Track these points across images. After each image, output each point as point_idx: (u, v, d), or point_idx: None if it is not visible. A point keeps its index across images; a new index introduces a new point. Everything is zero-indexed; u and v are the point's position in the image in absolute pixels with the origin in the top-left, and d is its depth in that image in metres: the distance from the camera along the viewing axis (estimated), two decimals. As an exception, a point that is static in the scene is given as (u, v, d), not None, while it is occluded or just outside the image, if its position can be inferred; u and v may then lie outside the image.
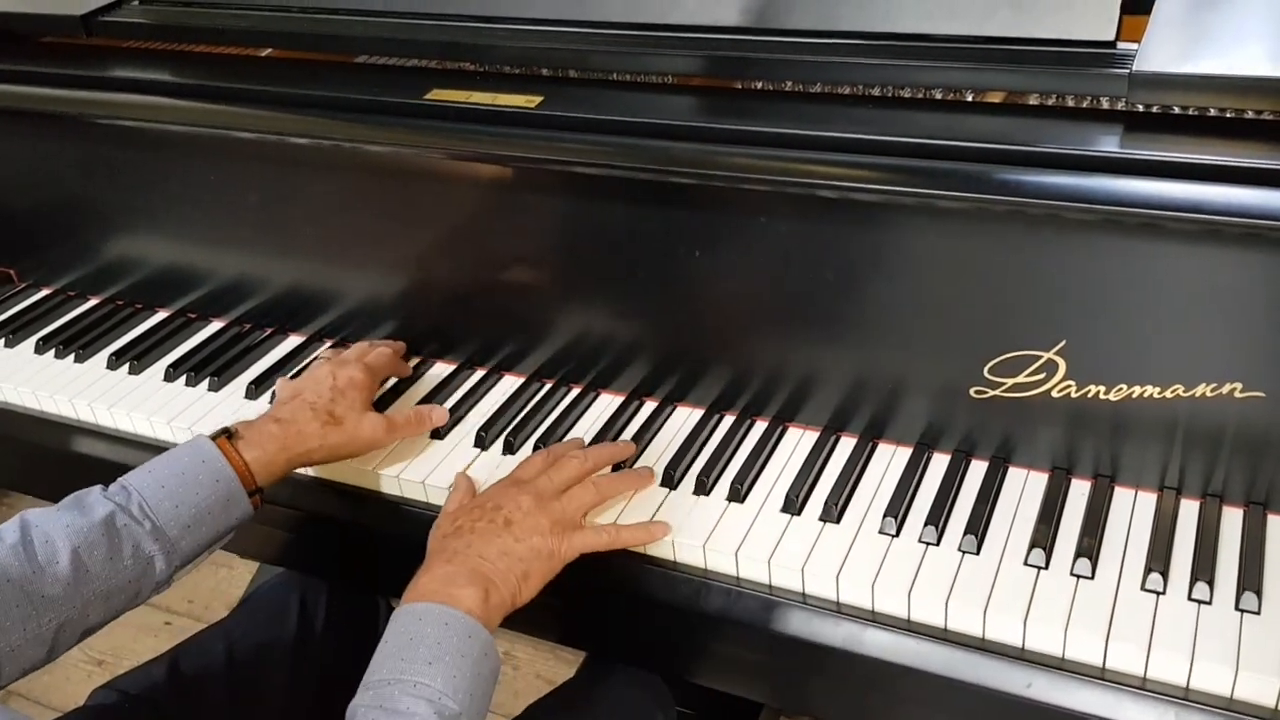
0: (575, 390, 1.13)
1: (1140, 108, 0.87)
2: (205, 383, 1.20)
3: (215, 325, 1.30)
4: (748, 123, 0.94)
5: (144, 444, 1.16)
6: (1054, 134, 0.86)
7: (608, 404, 1.11)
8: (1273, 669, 0.77)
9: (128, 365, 1.23)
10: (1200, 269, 0.82)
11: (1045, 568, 0.87)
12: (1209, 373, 0.85)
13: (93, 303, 1.37)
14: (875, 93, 0.97)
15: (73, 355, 1.26)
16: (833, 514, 0.94)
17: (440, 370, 1.18)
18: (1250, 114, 0.84)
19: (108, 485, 0.91)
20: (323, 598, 1.15)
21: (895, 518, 0.92)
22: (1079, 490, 0.94)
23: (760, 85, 1.02)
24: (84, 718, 0.98)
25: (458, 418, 1.11)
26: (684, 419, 1.08)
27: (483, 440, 1.07)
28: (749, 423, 1.05)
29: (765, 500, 0.97)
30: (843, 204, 0.91)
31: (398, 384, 1.16)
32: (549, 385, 1.14)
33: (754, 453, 1.01)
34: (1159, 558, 0.86)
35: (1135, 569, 0.86)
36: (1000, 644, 0.84)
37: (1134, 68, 0.84)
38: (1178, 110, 0.86)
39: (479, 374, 1.17)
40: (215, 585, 1.98)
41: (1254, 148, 0.80)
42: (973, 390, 0.94)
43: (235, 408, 1.16)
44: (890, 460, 1.00)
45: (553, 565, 0.89)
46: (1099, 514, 0.91)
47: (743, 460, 1.01)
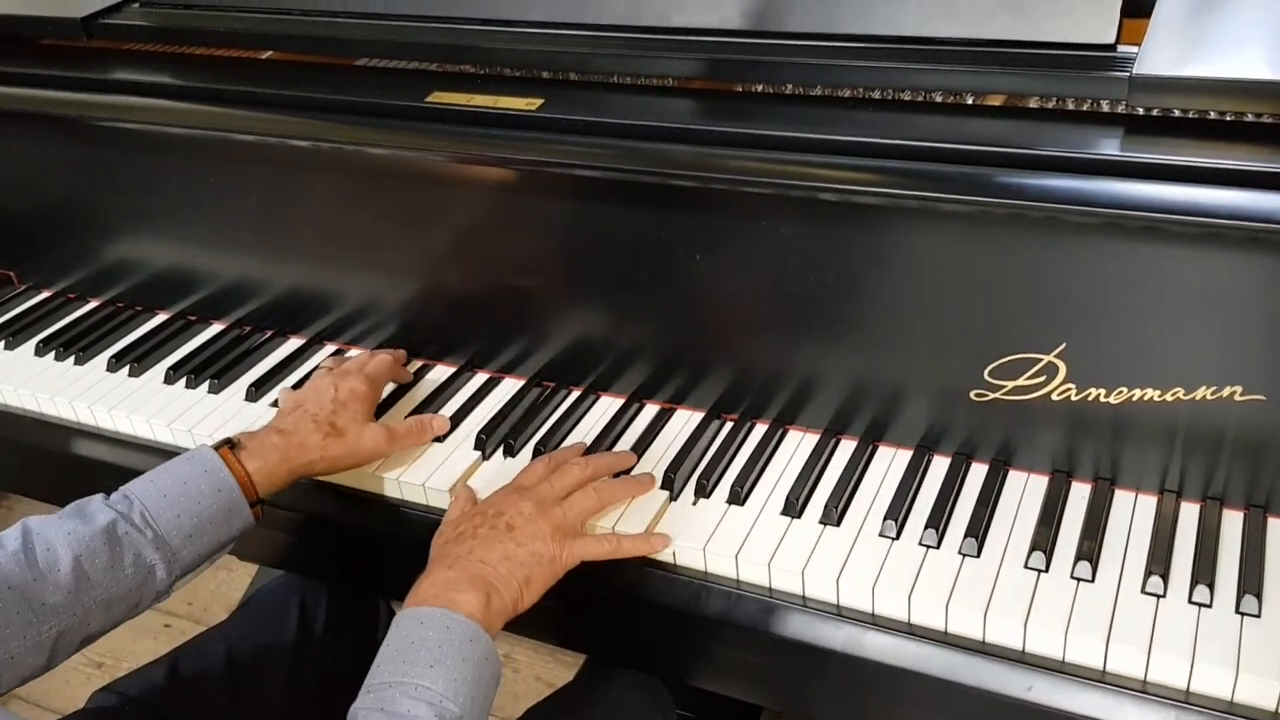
0: (575, 393, 1.13)
1: (1140, 111, 0.87)
2: (205, 385, 1.20)
3: (216, 328, 1.30)
4: (748, 126, 0.94)
5: (144, 446, 1.16)
6: (1054, 137, 0.86)
7: (608, 407, 1.11)
8: (1273, 672, 0.77)
9: (128, 368, 1.23)
10: (1200, 272, 0.82)
11: (1046, 571, 0.87)
12: (1209, 376, 0.85)
13: (93, 305, 1.37)
14: (875, 96, 0.97)
15: (73, 357, 1.26)
16: (833, 517, 0.94)
17: (440, 373, 1.18)
18: (1250, 117, 0.84)
19: (109, 493, 0.91)
20: (323, 600, 1.15)
21: (896, 520, 0.92)
22: (1079, 493, 0.94)
23: (761, 88, 1.02)
24: (84, 720, 0.98)
25: (458, 421, 1.11)
26: (684, 421, 1.08)
27: (483, 443, 1.07)
28: (749, 425, 1.05)
29: (765, 503, 0.97)
30: (843, 207, 0.91)
31: (398, 387, 1.16)
32: (549, 388, 1.14)
33: (754, 455, 1.01)
34: (1159, 561, 0.86)
35: (1136, 572, 0.86)
36: (1001, 647, 0.84)
37: (1134, 71, 0.84)
38: (1178, 113, 0.86)
39: (479, 377, 1.17)
40: (215, 588, 1.98)
41: (1254, 151, 0.80)
42: (973, 393, 0.94)
43: (235, 410, 1.16)
44: (891, 463, 1.00)
45: (554, 570, 0.89)
46: (1099, 517, 0.91)
47: (743, 463, 1.01)
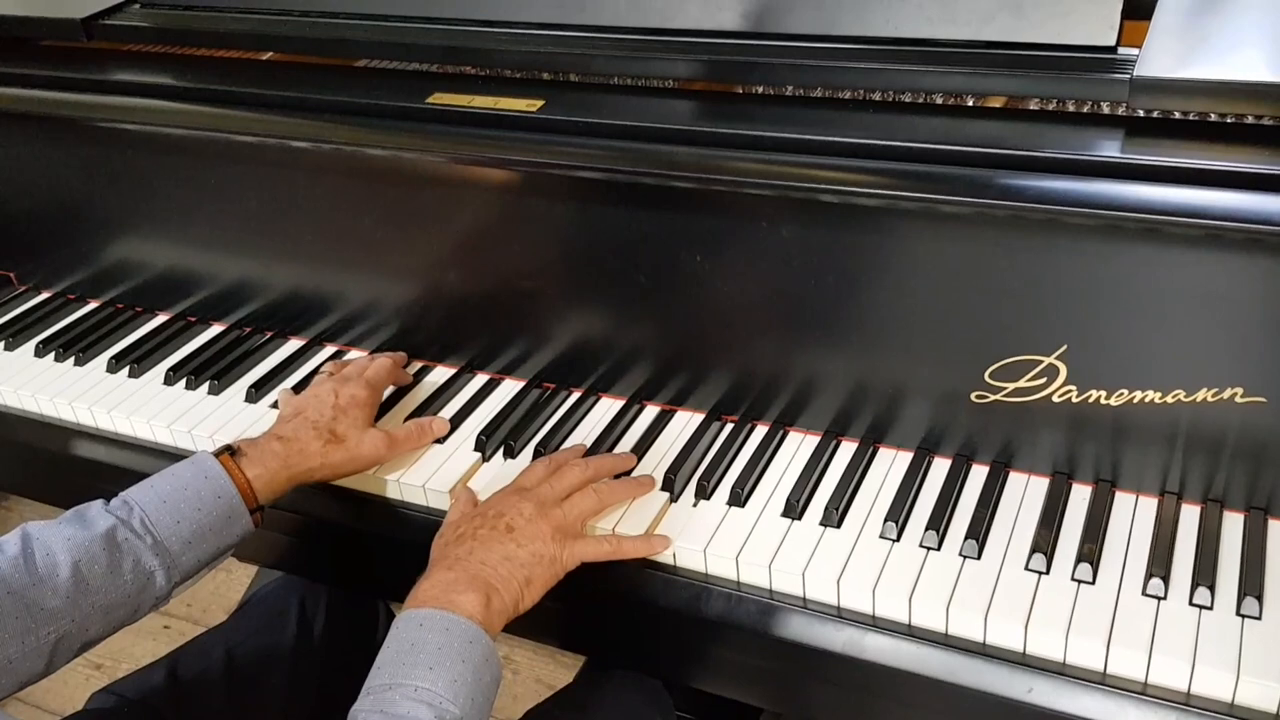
0: (576, 394, 1.13)
1: (1141, 113, 0.87)
2: (205, 386, 1.19)
3: (215, 329, 1.30)
4: (749, 127, 0.94)
5: (144, 448, 1.16)
6: (1055, 139, 0.86)
7: (608, 408, 1.11)
8: (1274, 674, 0.77)
9: (128, 369, 1.23)
10: (1201, 274, 0.82)
11: (1046, 573, 0.87)
12: (1210, 378, 0.85)
13: (93, 306, 1.37)
14: (876, 97, 0.97)
15: (73, 359, 1.26)
16: (834, 519, 0.94)
17: (440, 375, 1.18)
18: (1251, 119, 0.85)
19: (109, 499, 0.91)
20: (322, 602, 1.15)
21: (896, 522, 0.92)
22: (1080, 495, 0.94)
23: (761, 90, 1.02)
24: (82, 722, 0.98)
25: (458, 422, 1.11)
26: (685, 423, 1.08)
27: (483, 445, 1.07)
28: (750, 427, 1.05)
29: (766, 505, 0.97)
30: (844, 208, 0.91)
31: (398, 389, 1.16)
32: (549, 390, 1.14)
33: (755, 457, 1.01)
34: (1160, 563, 0.86)
35: (1136, 574, 0.86)
36: (1001, 649, 0.84)
37: (1135, 73, 0.84)
38: (1178, 115, 0.86)
39: (479, 378, 1.17)
40: (214, 589, 1.98)
41: (1255, 153, 0.80)
42: (974, 395, 0.94)
43: (235, 411, 1.16)
44: (891, 465, 1.00)
45: (555, 571, 0.89)
46: (1100, 519, 0.91)
47: (743, 465, 1.01)
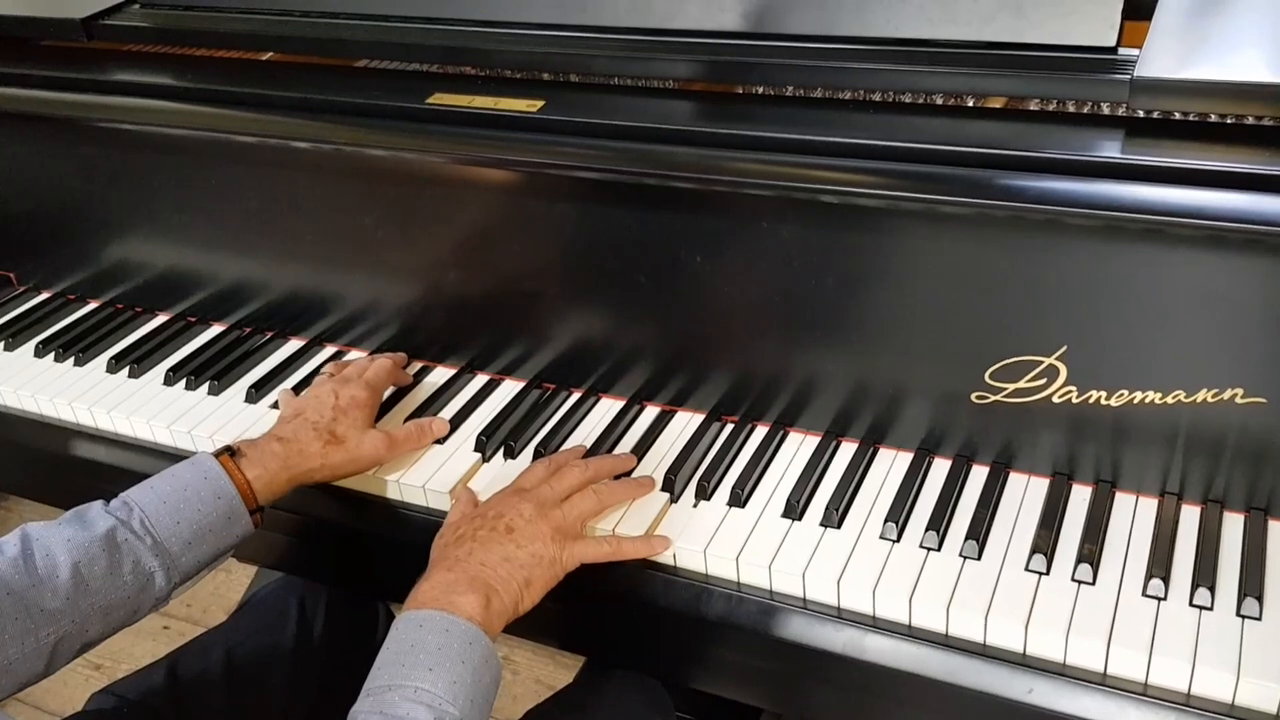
0: (576, 395, 1.13)
1: (1141, 113, 0.87)
2: (205, 386, 1.19)
3: (215, 329, 1.30)
4: (749, 127, 0.94)
5: (144, 448, 1.16)
6: (1055, 139, 0.86)
7: (608, 409, 1.11)
8: (1274, 675, 0.77)
9: (128, 369, 1.23)
10: (1201, 274, 0.82)
11: (1046, 573, 0.87)
12: (1210, 378, 0.85)
13: (93, 306, 1.37)
14: (876, 98, 0.97)
15: (73, 359, 1.26)
16: (834, 519, 0.94)
17: (440, 375, 1.18)
18: (1251, 119, 0.85)
19: (109, 499, 0.91)
20: (322, 602, 1.15)
21: (896, 523, 0.92)
22: (1080, 496, 0.94)
23: (761, 90, 1.02)
24: (82, 722, 0.98)
25: (458, 423, 1.11)
26: (685, 423, 1.07)
27: (483, 445, 1.07)
28: (750, 427, 1.05)
29: (766, 505, 0.97)
30: (844, 209, 0.91)
31: (398, 390, 1.16)
32: (549, 390, 1.13)
33: (755, 458, 1.01)
34: (1160, 564, 0.86)
35: (1136, 575, 0.86)
36: (1001, 649, 0.84)
37: (1135, 73, 0.84)
38: (1179, 116, 0.86)
39: (479, 379, 1.17)
40: (214, 589, 1.98)
41: (1255, 153, 0.80)
42: (974, 395, 0.94)
43: (235, 412, 1.16)
44: (891, 465, 1.00)
45: (554, 572, 0.89)
46: (1100, 520, 0.91)
47: (743, 465, 1.01)
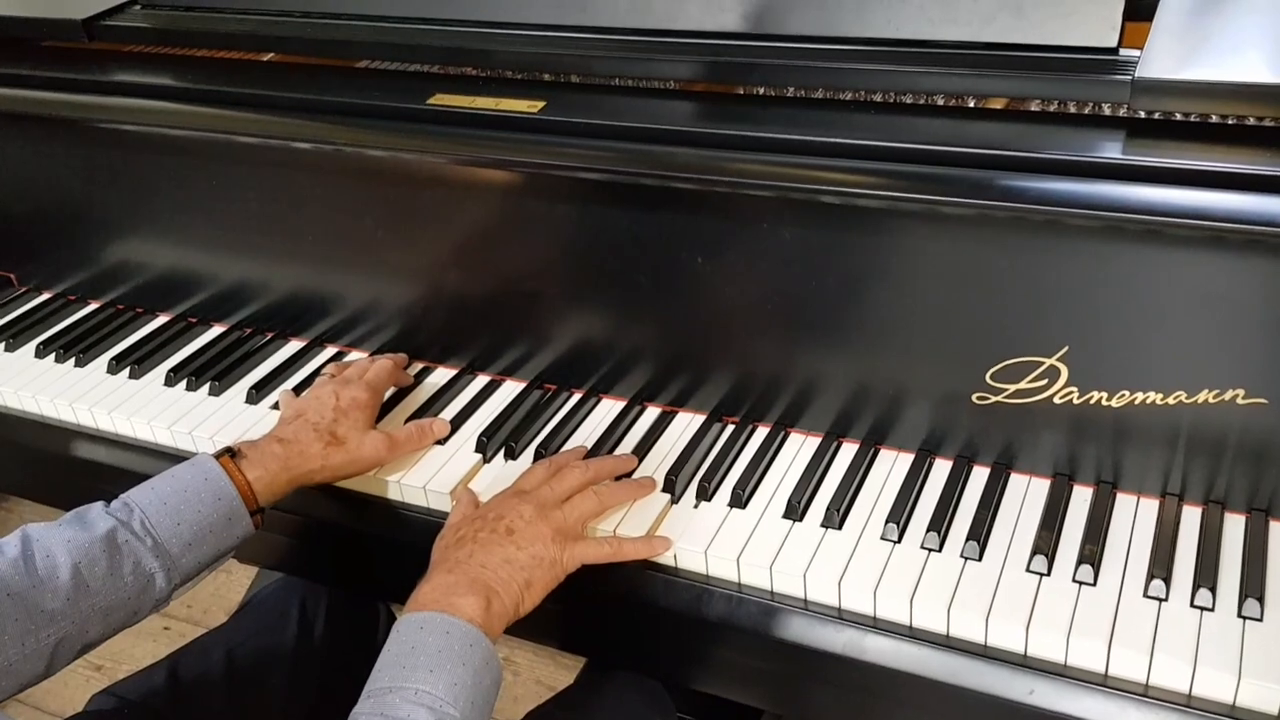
0: (577, 396, 1.13)
1: (1142, 114, 0.87)
2: (206, 387, 1.19)
3: (216, 330, 1.30)
4: (750, 128, 0.94)
5: (145, 449, 1.16)
6: (1056, 140, 0.86)
7: (609, 409, 1.11)
8: (1275, 676, 0.77)
9: (128, 370, 1.23)
10: (1202, 275, 0.82)
11: (1047, 574, 0.87)
12: (1211, 379, 0.85)
13: (93, 307, 1.37)
14: (877, 98, 0.97)
15: (73, 360, 1.26)
16: (835, 520, 0.94)
17: (441, 376, 1.18)
18: (1252, 120, 0.84)
19: (110, 500, 0.91)
20: (322, 603, 1.15)
21: (897, 524, 0.92)
22: (1081, 497, 0.94)
23: (762, 91, 1.02)
24: (83, 723, 0.98)
25: (459, 424, 1.11)
26: (686, 424, 1.07)
27: (484, 446, 1.07)
28: (751, 428, 1.05)
29: (767, 506, 0.97)
30: (845, 210, 0.91)
31: (399, 390, 1.16)
32: (550, 391, 1.13)
33: (756, 458, 1.01)
34: (1161, 564, 0.86)
35: (1137, 576, 0.86)
36: (1002, 650, 0.84)
37: (1136, 74, 0.84)
38: (1180, 116, 0.86)
39: (480, 379, 1.17)
40: (214, 590, 1.98)
41: (1256, 154, 0.80)
42: (975, 396, 0.94)
43: (236, 413, 1.16)
44: (892, 466, 1.00)
45: (555, 574, 0.89)
46: (1101, 520, 0.91)
47: (744, 466, 1.01)
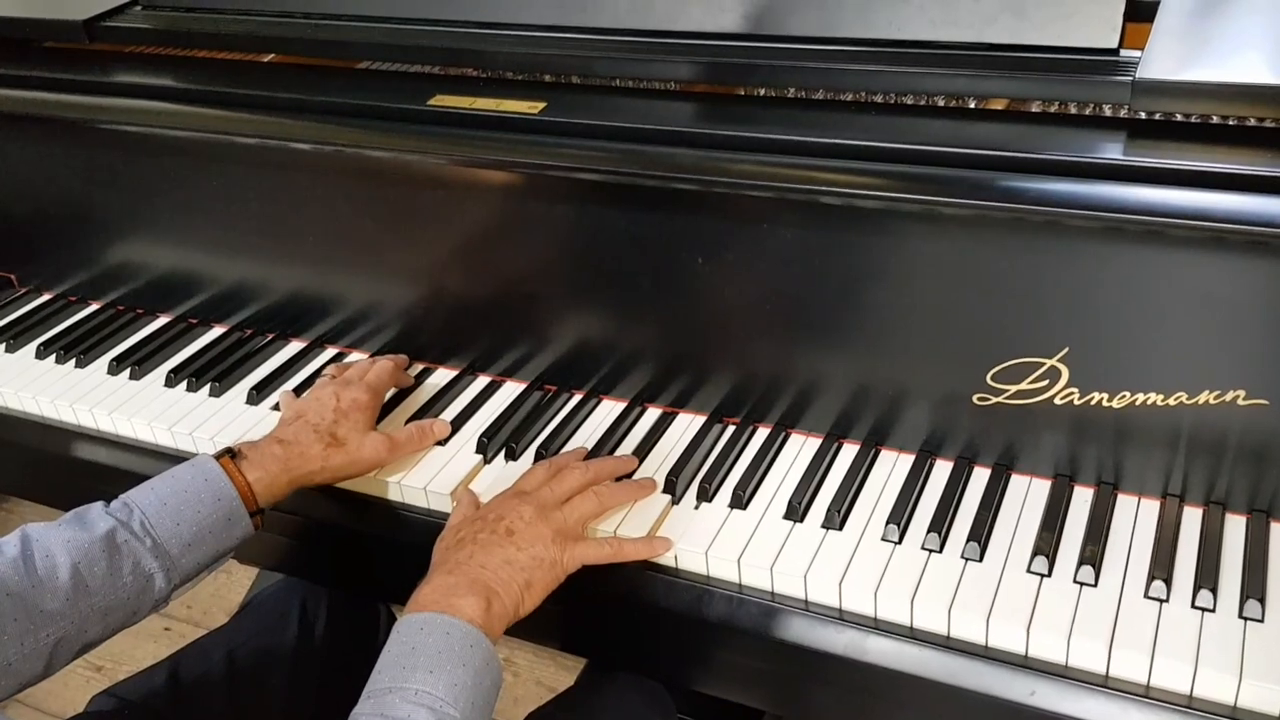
0: (577, 397, 1.13)
1: (1143, 115, 0.87)
2: (206, 388, 1.19)
3: (216, 331, 1.30)
4: (751, 129, 0.94)
5: (145, 450, 1.16)
6: (1057, 141, 0.86)
7: (610, 410, 1.11)
8: (1276, 677, 0.77)
9: (129, 371, 1.23)
10: (1203, 276, 0.82)
11: (1048, 575, 0.87)
12: (1212, 380, 0.85)
13: (94, 308, 1.37)
14: (878, 99, 0.97)
15: (74, 360, 1.26)
16: (835, 521, 0.94)
17: (442, 377, 1.18)
18: (1253, 121, 0.84)
19: (110, 501, 0.91)
20: (323, 604, 1.15)
21: (898, 525, 0.92)
22: (1082, 497, 0.94)
23: (763, 92, 1.02)
24: (83, 725, 0.98)
25: (459, 425, 1.11)
26: (686, 425, 1.07)
27: (484, 447, 1.07)
28: (751, 429, 1.05)
29: (768, 507, 0.97)
30: (845, 210, 0.91)
31: (399, 391, 1.16)
32: (551, 392, 1.13)
33: (756, 459, 1.01)
34: (1162, 565, 0.86)
35: (1138, 576, 0.86)
36: (1003, 651, 0.84)
37: (1137, 75, 0.84)
38: (1180, 118, 0.86)
39: (481, 380, 1.17)
40: (215, 591, 1.98)
41: (1257, 155, 0.80)
42: (976, 397, 0.94)
43: (237, 413, 1.16)
44: (893, 467, 1.00)
45: (555, 575, 0.89)
46: (1102, 521, 0.91)
47: (745, 467, 1.01)
